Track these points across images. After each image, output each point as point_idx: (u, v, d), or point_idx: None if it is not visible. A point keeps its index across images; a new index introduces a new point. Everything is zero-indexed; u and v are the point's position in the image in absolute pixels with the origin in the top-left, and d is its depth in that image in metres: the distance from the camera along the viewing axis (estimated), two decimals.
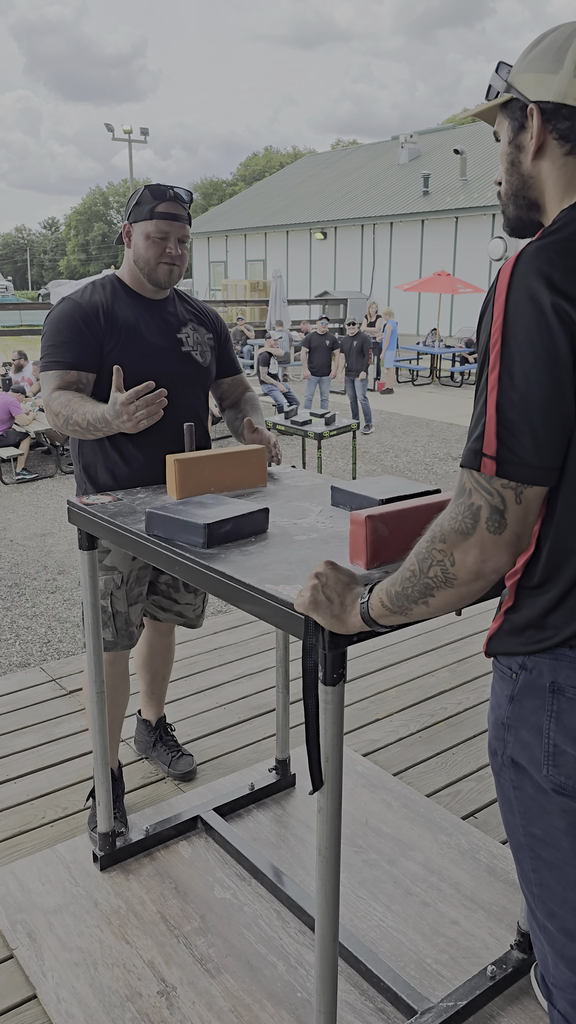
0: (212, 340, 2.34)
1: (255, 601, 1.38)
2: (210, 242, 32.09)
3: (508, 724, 1.17)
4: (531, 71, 1.11)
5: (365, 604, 1.19)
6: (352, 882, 2.14)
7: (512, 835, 1.24)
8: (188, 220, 2.19)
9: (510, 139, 1.15)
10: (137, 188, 2.18)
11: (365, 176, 28.29)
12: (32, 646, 4.47)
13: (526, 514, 1.03)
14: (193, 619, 2.51)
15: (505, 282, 1.02)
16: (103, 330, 2.13)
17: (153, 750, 2.68)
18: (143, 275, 2.18)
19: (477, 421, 1.03)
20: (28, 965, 1.89)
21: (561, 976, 1.24)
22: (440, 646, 3.53)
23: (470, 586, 1.07)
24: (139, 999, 1.80)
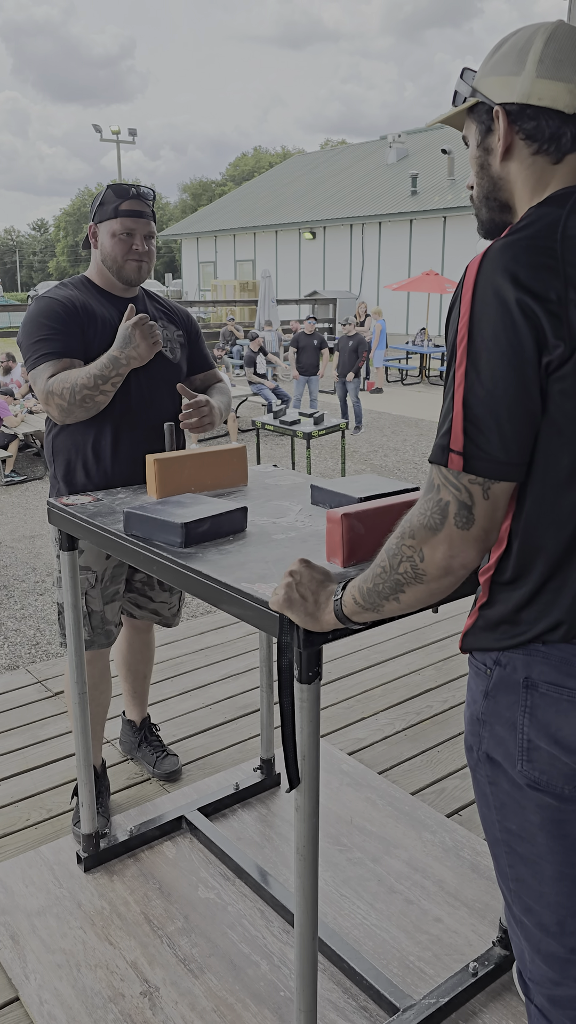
0: (182, 337, 2.34)
1: (232, 600, 1.38)
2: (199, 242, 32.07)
3: (483, 720, 1.18)
4: (495, 74, 1.12)
5: (339, 601, 1.19)
6: (336, 881, 2.14)
7: (489, 830, 1.25)
8: (153, 217, 2.19)
9: (478, 142, 1.16)
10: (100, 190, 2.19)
11: (354, 176, 28.32)
12: (21, 648, 4.46)
13: (494, 510, 1.04)
14: (168, 618, 2.51)
15: (472, 279, 1.02)
16: (82, 319, 2.13)
17: (138, 751, 2.68)
18: (112, 273, 2.18)
19: (444, 417, 1.04)
20: (11, 967, 1.88)
21: (537, 971, 1.25)
22: (426, 644, 3.54)
23: (439, 582, 1.07)
24: (122, 1000, 1.80)
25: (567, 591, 1.08)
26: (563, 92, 1.07)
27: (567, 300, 0.99)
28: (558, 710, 1.10)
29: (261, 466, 2.24)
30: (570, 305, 0.99)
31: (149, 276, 2.24)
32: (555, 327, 0.98)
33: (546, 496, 1.06)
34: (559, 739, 1.10)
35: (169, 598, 2.48)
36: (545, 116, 1.08)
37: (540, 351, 0.99)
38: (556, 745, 1.11)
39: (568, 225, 1.03)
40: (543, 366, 1.00)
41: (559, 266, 1.00)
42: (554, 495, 1.06)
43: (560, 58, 1.07)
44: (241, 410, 12.43)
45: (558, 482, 1.05)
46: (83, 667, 2.05)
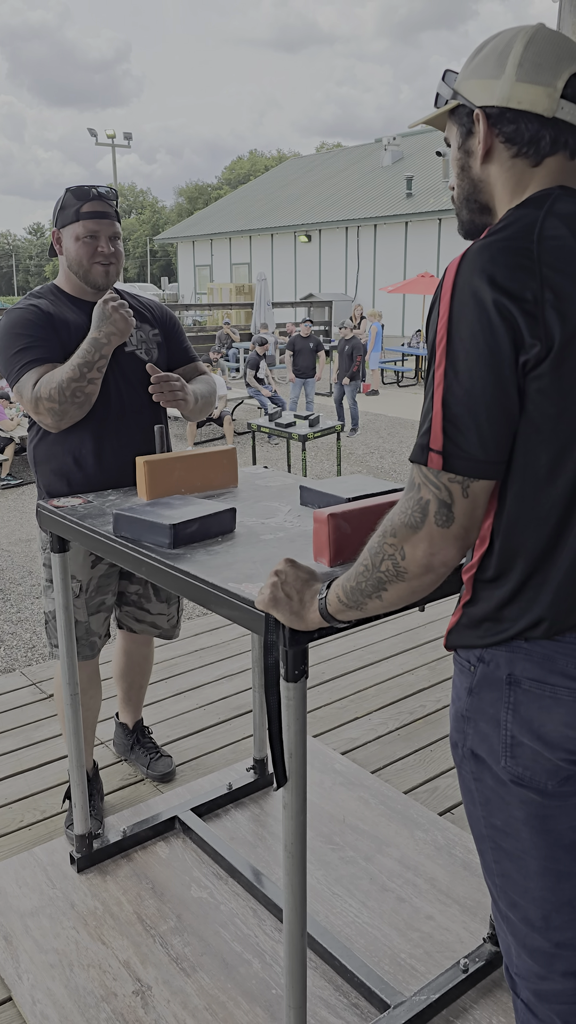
0: (158, 336, 2.30)
1: (219, 600, 1.40)
2: (195, 246, 32.10)
3: (467, 716, 1.19)
4: (475, 77, 1.13)
5: (323, 600, 1.20)
6: (328, 879, 2.15)
7: (474, 826, 1.26)
8: (117, 217, 2.15)
9: (459, 144, 1.18)
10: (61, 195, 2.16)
11: (349, 179, 28.36)
12: (17, 651, 4.47)
13: (473, 508, 1.05)
14: (168, 629, 2.49)
15: (450, 280, 1.04)
16: (57, 325, 2.11)
17: (131, 753, 2.68)
18: (80, 278, 2.15)
19: (425, 417, 1.06)
20: (3, 967, 1.89)
21: (524, 965, 1.26)
22: (419, 645, 3.55)
23: (421, 579, 1.09)
24: (114, 999, 1.81)
25: (548, 588, 1.10)
26: (542, 96, 1.09)
27: (543, 300, 1.00)
28: (541, 706, 1.12)
29: (251, 468, 2.25)
30: (546, 305, 1.00)
31: (119, 278, 2.20)
32: (531, 327, 1.00)
33: (526, 494, 1.08)
34: (542, 735, 1.12)
35: (167, 609, 2.46)
36: (524, 119, 1.10)
37: (517, 351, 1.01)
38: (539, 741, 1.12)
39: (545, 227, 1.04)
40: (520, 365, 1.01)
41: (535, 267, 1.01)
42: (534, 493, 1.07)
43: (539, 62, 1.09)
44: (237, 413, 12.44)
45: (538, 480, 1.06)
46: (75, 669, 2.06)
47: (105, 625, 2.33)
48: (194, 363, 2.42)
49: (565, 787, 1.13)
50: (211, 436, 10.78)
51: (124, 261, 2.23)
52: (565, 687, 1.10)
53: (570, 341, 1.01)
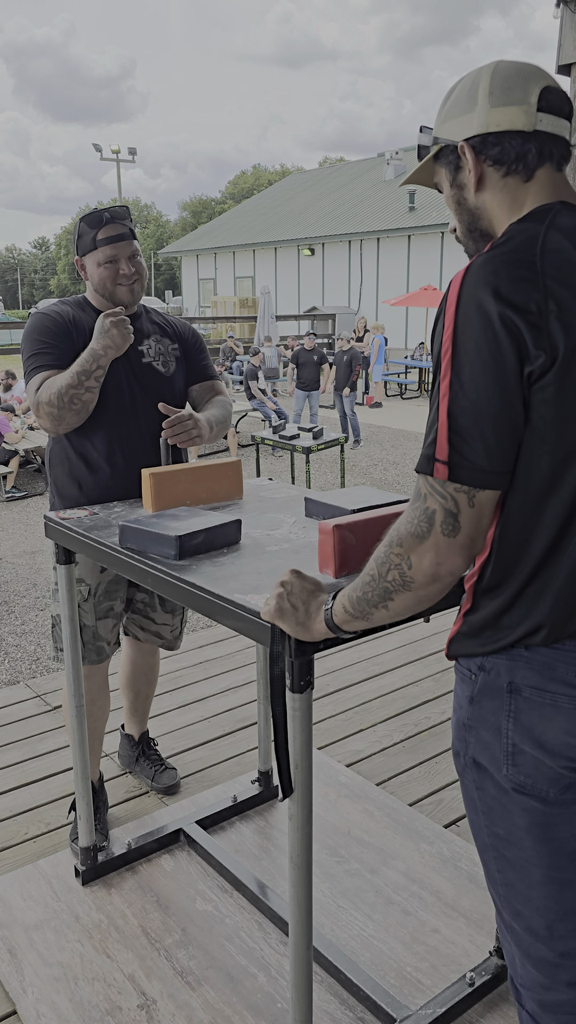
0: (177, 350, 2.35)
1: (224, 611, 1.40)
2: (199, 260, 32.26)
3: (469, 725, 1.19)
4: (451, 119, 1.19)
5: (329, 611, 1.21)
6: (334, 892, 2.15)
7: (477, 836, 1.26)
8: (132, 235, 2.20)
9: (451, 182, 1.22)
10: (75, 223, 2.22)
11: (352, 193, 28.52)
12: (21, 663, 4.47)
13: (479, 517, 1.06)
14: (171, 640, 2.51)
15: (455, 293, 1.06)
16: (75, 334, 2.17)
17: (136, 764, 2.68)
18: (107, 299, 2.22)
19: (430, 427, 1.07)
20: (8, 981, 1.88)
21: (528, 976, 1.25)
22: (423, 656, 3.55)
23: (427, 589, 1.09)
24: (119, 1013, 1.80)
25: (547, 595, 1.10)
26: (519, 113, 1.13)
27: (547, 311, 1.01)
28: (541, 714, 1.12)
29: (256, 480, 2.26)
30: (550, 316, 1.01)
31: (143, 293, 2.26)
32: (536, 338, 1.01)
33: (528, 503, 1.09)
34: (543, 743, 1.12)
35: (171, 620, 2.48)
36: (507, 139, 1.14)
37: (522, 362, 1.02)
38: (540, 749, 1.12)
39: (547, 239, 1.06)
40: (526, 376, 1.03)
41: (539, 278, 1.02)
42: (536, 502, 1.08)
43: (508, 86, 1.13)
44: (241, 425, 12.47)
45: (541, 489, 1.07)
46: (80, 681, 2.06)
47: (114, 632, 2.34)
48: (212, 381, 2.46)
49: (567, 795, 1.13)
50: (215, 448, 10.80)
51: (147, 273, 2.28)
52: (565, 695, 1.11)
53: (574, 351, 1.02)
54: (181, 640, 2.56)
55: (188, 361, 2.39)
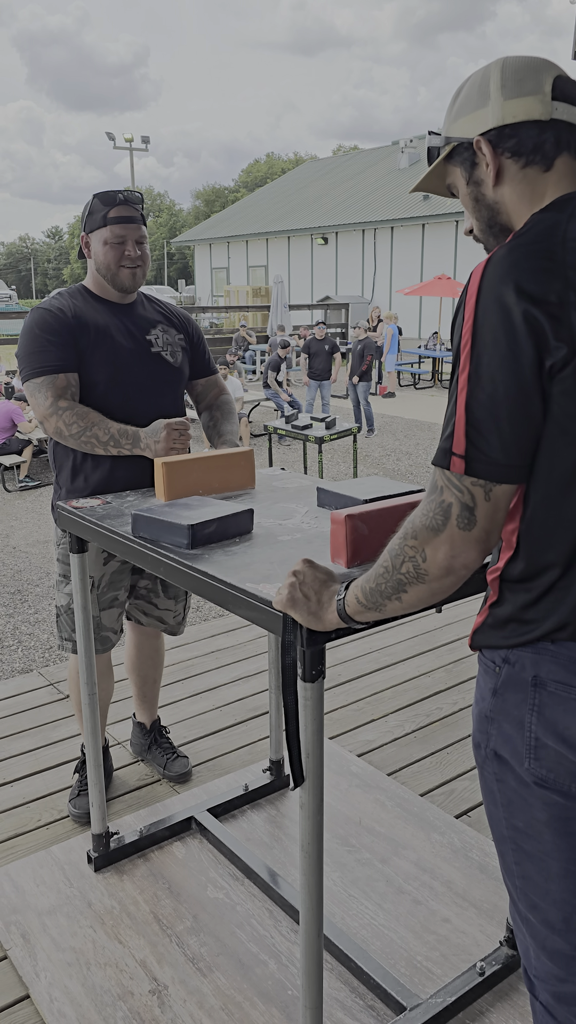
0: (183, 341, 2.35)
1: (237, 600, 1.40)
2: (212, 248, 32.20)
3: (491, 717, 1.19)
4: (462, 116, 1.17)
5: (341, 601, 1.21)
6: (344, 881, 2.15)
7: (495, 827, 1.25)
8: (143, 221, 2.19)
9: (467, 180, 1.20)
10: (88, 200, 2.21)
11: (366, 181, 28.36)
12: (34, 652, 4.49)
13: (495, 511, 1.06)
14: (173, 626, 2.53)
15: (475, 285, 1.05)
16: (75, 329, 2.15)
17: (148, 753, 2.70)
18: (107, 281, 2.20)
19: (448, 421, 1.06)
20: (21, 965, 1.90)
21: (543, 967, 1.25)
22: (436, 647, 3.54)
23: (441, 581, 1.09)
24: (131, 998, 1.81)
25: (575, 589, 1.10)
26: (534, 103, 1.12)
27: (568, 303, 1.00)
28: (566, 709, 1.11)
29: (268, 469, 2.26)
30: (570, 308, 1.00)
31: (144, 280, 2.25)
32: (556, 330, 1.00)
33: (552, 496, 1.08)
34: (566, 737, 1.11)
35: (174, 606, 2.50)
36: (523, 129, 1.13)
37: (541, 354, 1.01)
38: (563, 743, 1.11)
39: (569, 229, 1.05)
40: (546, 369, 1.02)
41: (559, 269, 1.01)
42: (560, 495, 1.07)
43: (519, 77, 1.13)
44: (253, 415, 12.46)
45: (564, 482, 1.07)
46: (92, 668, 2.07)
47: (118, 621, 2.36)
48: (215, 376, 2.47)
49: None
50: None
51: (151, 263, 2.27)
52: None
53: None
54: (184, 626, 2.58)
55: (193, 353, 2.39)
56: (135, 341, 2.22)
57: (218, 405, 2.46)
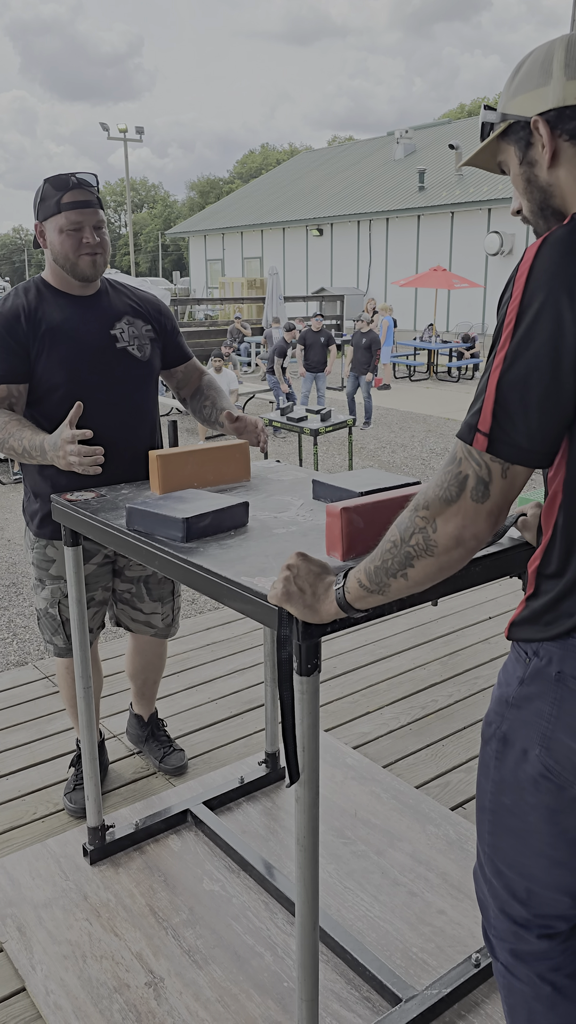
0: (151, 331, 2.25)
1: (232, 594, 1.40)
2: (207, 240, 32.09)
3: (512, 703, 1.19)
4: (521, 93, 1.13)
5: (341, 589, 1.21)
6: (340, 873, 2.16)
7: (480, 797, 1.29)
8: (99, 204, 2.09)
9: (520, 160, 1.17)
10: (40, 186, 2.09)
11: (361, 172, 28.27)
12: (29, 644, 4.49)
13: (510, 488, 1.06)
14: (162, 629, 2.47)
15: (527, 264, 1.03)
16: (27, 335, 2.06)
17: (145, 745, 2.70)
18: (67, 271, 2.10)
19: (478, 396, 1.06)
20: (17, 958, 1.90)
21: (501, 926, 1.30)
22: (431, 639, 3.55)
23: (450, 554, 1.09)
24: (127, 990, 1.82)
25: None
26: None
27: None
28: None
29: (263, 462, 2.25)
30: None
31: (106, 267, 2.14)
32: None
33: None
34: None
35: (160, 608, 2.44)
36: None
37: None
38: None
39: None
40: None
41: None
42: None
43: None
44: (248, 407, 12.45)
45: None
46: (87, 663, 2.06)
47: (97, 618, 2.36)
48: (192, 360, 2.39)
49: None
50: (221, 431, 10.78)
51: (111, 250, 2.16)
52: None
53: None
54: (175, 627, 2.52)
55: (165, 342, 2.30)
56: (98, 337, 2.13)
57: (205, 386, 2.38)
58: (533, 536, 1.50)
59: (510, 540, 1.52)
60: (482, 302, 20.92)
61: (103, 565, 2.32)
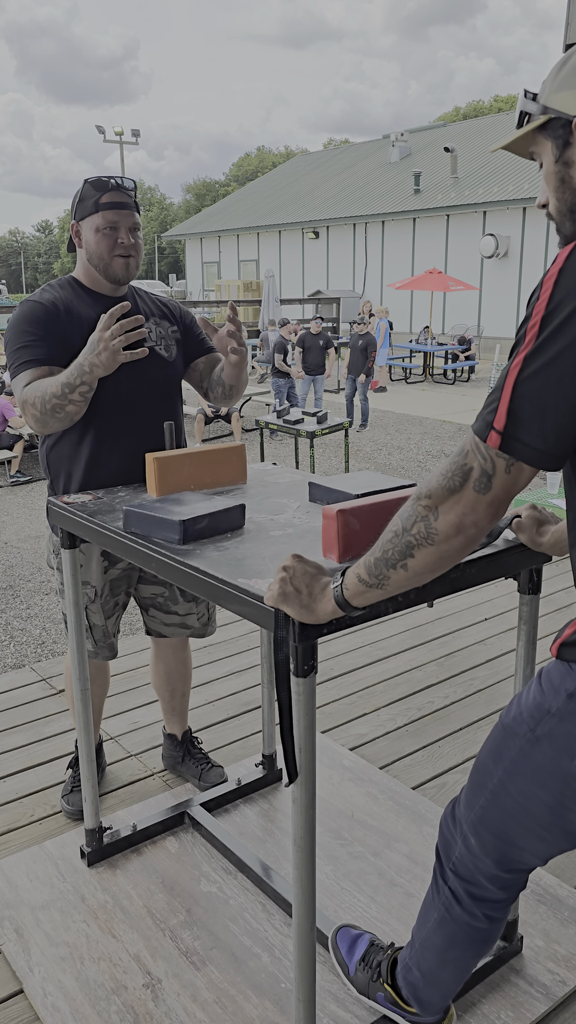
0: (176, 332, 2.29)
1: (228, 596, 1.40)
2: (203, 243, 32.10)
3: (555, 714, 1.20)
4: (566, 89, 1.11)
5: (339, 586, 1.21)
6: (337, 874, 2.16)
7: (481, 774, 1.33)
8: (136, 208, 2.12)
9: (556, 157, 1.15)
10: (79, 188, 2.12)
11: (356, 175, 28.31)
12: (27, 647, 4.49)
13: (513, 484, 1.08)
14: (199, 628, 2.43)
15: (558, 267, 1.03)
16: (66, 323, 2.08)
17: (182, 765, 2.62)
18: (99, 272, 2.12)
19: (495, 392, 1.07)
20: (15, 960, 1.91)
21: (465, 868, 1.41)
22: (427, 641, 3.55)
23: (450, 543, 1.10)
24: (125, 992, 1.82)
25: None
26: None
27: None
28: None
29: (260, 464, 2.26)
30: None
31: (137, 272, 2.17)
32: None
33: None
34: None
35: (196, 608, 2.40)
36: None
37: None
38: None
39: None
40: None
41: None
42: None
43: None
44: (245, 410, 12.46)
45: None
46: (85, 665, 2.07)
47: (119, 623, 2.34)
48: (214, 352, 2.38)
49: None
50: (219, 433, 10.80)
51: (143, 253, 2.19)
52: None
53: None
54: (213, 625, 2.47)
55: (187, 340, 2.32)
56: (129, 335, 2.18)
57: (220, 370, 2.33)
58: (528, 538, 1.51)
59: (505, 542, 1.53)
60: (477, 305, 20.94)
61: (126, 570, 2.29)
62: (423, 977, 1.55)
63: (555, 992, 1.80)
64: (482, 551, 1.48)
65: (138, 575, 2.35)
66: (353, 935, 1.78)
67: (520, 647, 1.74)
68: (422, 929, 1.53)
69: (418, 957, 1.54)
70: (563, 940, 1.94)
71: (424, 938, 1.52)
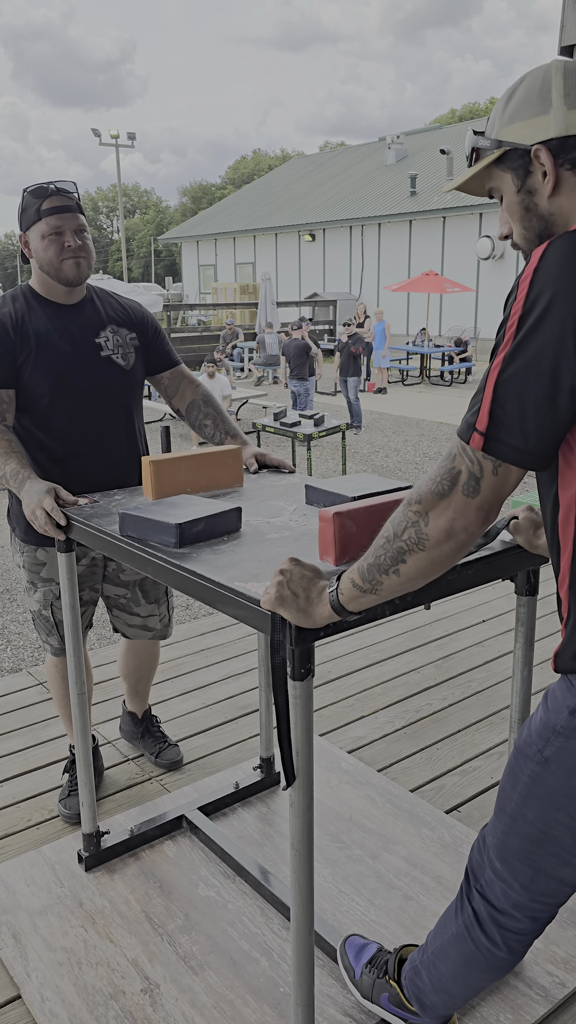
0: (136, 339, 2.26)
1: (225, 600, 1.40)
2: (199, 245, 32.12)
3: (560, 732, 1.20)
4: (519, 120, 1.13)
5: (334, 592, 1.21)
6: (335, 877, 2.16)
7: (503, 799, 1.32)
8: (79, 210, 2.11)
9: (518, 187, 1.16)
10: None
11: (353, 177, 28.34)
12: (23, 651, 4.48)
13: (502, 486, 1.08)
14: (161, 629, 2.51)
15: (532, 267, 1.04)
16: (13, 342, 2.08)
17: (140, 741, 2.72)
18: (52, 277, 2.12)
19: (477, 395, 1.07)
20: (12, 966, 1.90)
21: (494, 895, 1.38)
22: (425, 643, 3.55)
23: (440, 548, 1.11)
24: (123, 997, 1.81)
25: None
26: None
27: None
28: None
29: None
30: None
31: (90, 272, 2.15)
32: None
33: None
34: None
35: (157, 610, 2.47)
36: None
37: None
38: None
39: None
40: None
41: None
42: None
43: None
44: (241, 412, 12.46)
45: None
46: (81, 668, 2.06)
47: (86, 617, 2.39)
48: (179, 367, 2.38)
49: None
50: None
51: (95, 255, 2.17)
52: None
53: None
54: (171, 627, 2.56)
55: (148, 350, 2.30)
56: (83, 345, 2.14)
57: (203, 403, 2.35)
58: (525, 540, 1.51)
59: (502, 543, 1.53)
60: (474, 306, 20.97)
61: (91, 566, 2.35)
62: (431, 983, 1.54)
63: (554, 994, 1.79)
64: (479, 553, 1.48)
65: (103, 574, 2.38)
66: (361, 943, 1.79)
67: (518, 649, 1.74)
68: (438, 938, 1.51)
69: (429, 963, 1.54)
70: (562, 942, 1.93)
71: (439, 947, 1.51)
